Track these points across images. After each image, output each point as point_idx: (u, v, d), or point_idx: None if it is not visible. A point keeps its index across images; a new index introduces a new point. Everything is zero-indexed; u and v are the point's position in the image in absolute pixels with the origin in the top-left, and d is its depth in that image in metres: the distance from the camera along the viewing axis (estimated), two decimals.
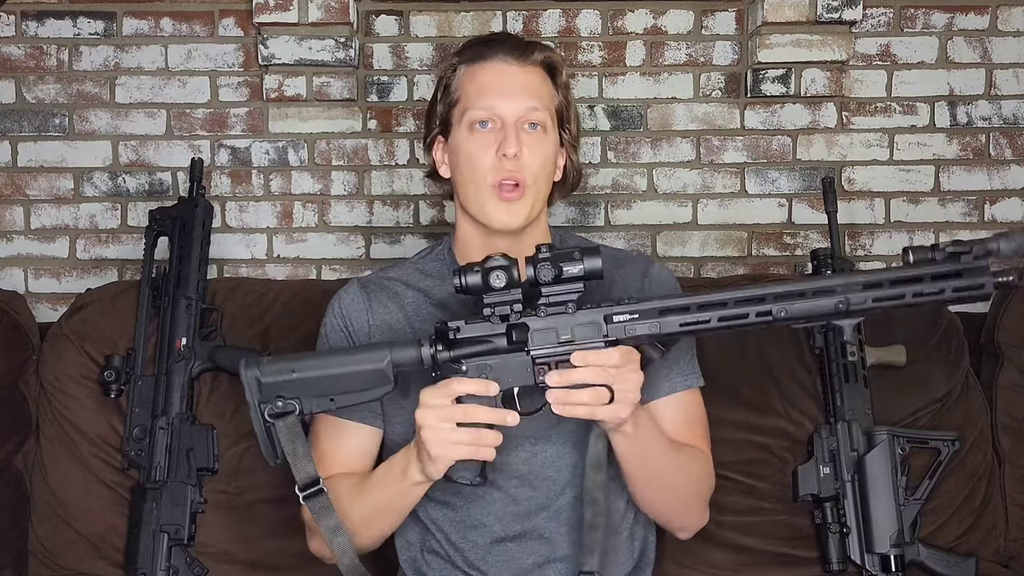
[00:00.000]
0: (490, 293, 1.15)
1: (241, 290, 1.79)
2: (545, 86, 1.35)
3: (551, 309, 1.15)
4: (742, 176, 2.16)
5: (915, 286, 1.10)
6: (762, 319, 1.12)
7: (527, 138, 1.30)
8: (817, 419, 1.69)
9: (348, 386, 1.17)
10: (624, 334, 1.14)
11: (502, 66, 1.33)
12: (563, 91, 1.37)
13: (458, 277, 1.15)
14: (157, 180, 2.13)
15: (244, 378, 1.16)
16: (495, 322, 1.15)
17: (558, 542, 1.32)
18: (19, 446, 1.68)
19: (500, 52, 1.33)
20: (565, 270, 1.13)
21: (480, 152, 1.31)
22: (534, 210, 1.33)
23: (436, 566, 1.35)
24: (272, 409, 1.15)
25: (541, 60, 1.35)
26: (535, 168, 1.31)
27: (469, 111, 1.32)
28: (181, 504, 1.59)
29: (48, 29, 2.11)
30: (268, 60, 2.06)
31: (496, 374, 1.15)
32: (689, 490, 1.33)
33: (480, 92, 1.32)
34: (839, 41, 2.08)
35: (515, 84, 1.32)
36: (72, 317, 1.73)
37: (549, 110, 1.34)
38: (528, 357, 1.15)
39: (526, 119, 1.31)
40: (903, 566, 1.59)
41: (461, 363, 1.15)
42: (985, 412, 1.75)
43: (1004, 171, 2.16)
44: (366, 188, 2.15)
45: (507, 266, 1.14)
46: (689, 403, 1.37)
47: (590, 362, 1.12)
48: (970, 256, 1.09)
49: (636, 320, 1.14)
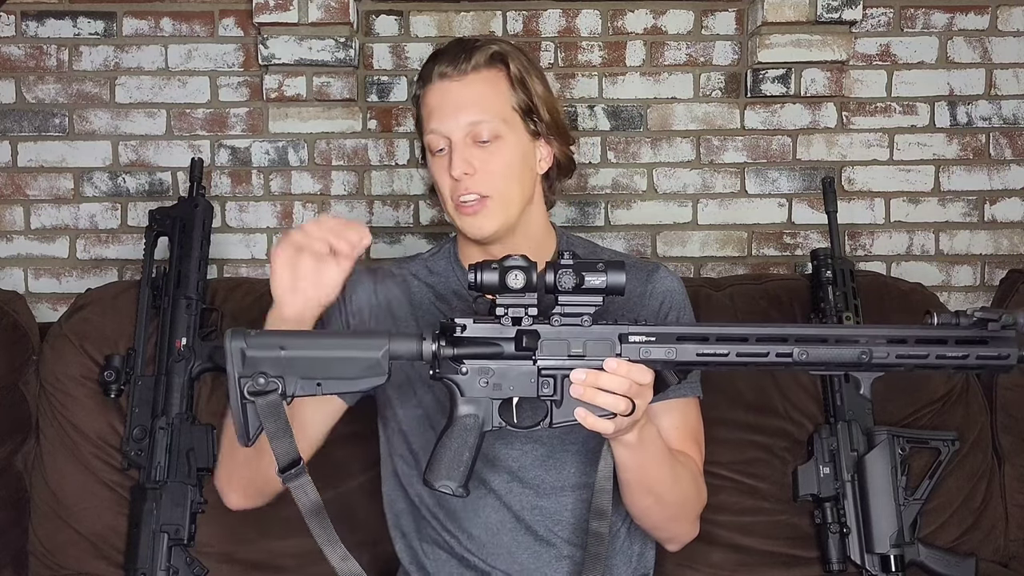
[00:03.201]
0: (505, 294, 1.09)
1: (241, 290, 1.79)
2: (492, 91, 1.31)
3: (565, 320, 1.10)
4: (742, 176, 2.16)
5: (939, 348, 1.08)
6: (781, 360, 1.08)
7: (478, 153, 1.29)
8: (817, 419, 1.69)
9: (338, 371, 1.09)
10: (638, 356, 1.09)
11: (442, 85, 1.31)
12: (520, 84, 1.32)
13: (474, 273, 1.09)
14: (157, 180, 2.13)
15: (227, 348, 1.08)
16: (506, 324, 1.10)
17: (554, 540, 1.32)
18: (19, 446, 1.68)
19: (440, 68, 1.31)
20: (587, 281, 1.07)
21: (440, 176, 1.32)
22: (508, 215, 1.31)
23: (434, 556, 1.36)
24: (253, 386, 1.06)
25: (484, 62, 1.31)
26: (493, 178, 1.29)
27: (426, 137, 1.34)
28: (181, 504, 1.58)
29: (48, 29, 2.11)
30: (268, 60, 2.06)
31: (497, 379, 1.11)
32: (681, 503, 1.32)
33: (428, 117, 1.33)
34: (839, 41, 2.08)
35: (455, 102, 1.30)
36: (72, 317, 1.73)
37: (501, 115, 1.30)
38: (534, 367, 1.11)
39: (472, 134, 1.29)
40: (903, 566, 1.59)
41: (462, 363, 1.11)
42: (985, 412, 1.75)
43: (1004, 171, 2.17)
44: (366, 188, 2.15)
45: (526, 268, 1.08)
46: (687, 412, 1.36)
47: (623, 373, 1.07)
48: (997, 325, 1.06)
49: (652, 343, 1.09)
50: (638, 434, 1.16)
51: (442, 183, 1.32)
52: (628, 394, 1.08)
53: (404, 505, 1.39)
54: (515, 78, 1.32)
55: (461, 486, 1.12)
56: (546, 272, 1.08)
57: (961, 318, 1.08)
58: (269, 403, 1.07)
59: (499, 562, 1.32)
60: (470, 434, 1.12)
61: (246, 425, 1.08)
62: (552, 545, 1.33)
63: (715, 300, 1.75)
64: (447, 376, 1.12)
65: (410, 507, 1.38)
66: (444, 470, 1.12)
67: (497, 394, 1.12)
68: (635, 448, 1.18)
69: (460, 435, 1.12)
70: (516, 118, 1.32)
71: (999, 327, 1.07)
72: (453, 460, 1.12)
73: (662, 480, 1.26)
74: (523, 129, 1.33)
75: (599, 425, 1.09)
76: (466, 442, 1.12)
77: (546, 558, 1.33)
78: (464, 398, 1.12)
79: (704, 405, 1.40)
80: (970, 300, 2.15)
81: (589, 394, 1.08)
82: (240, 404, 1.08)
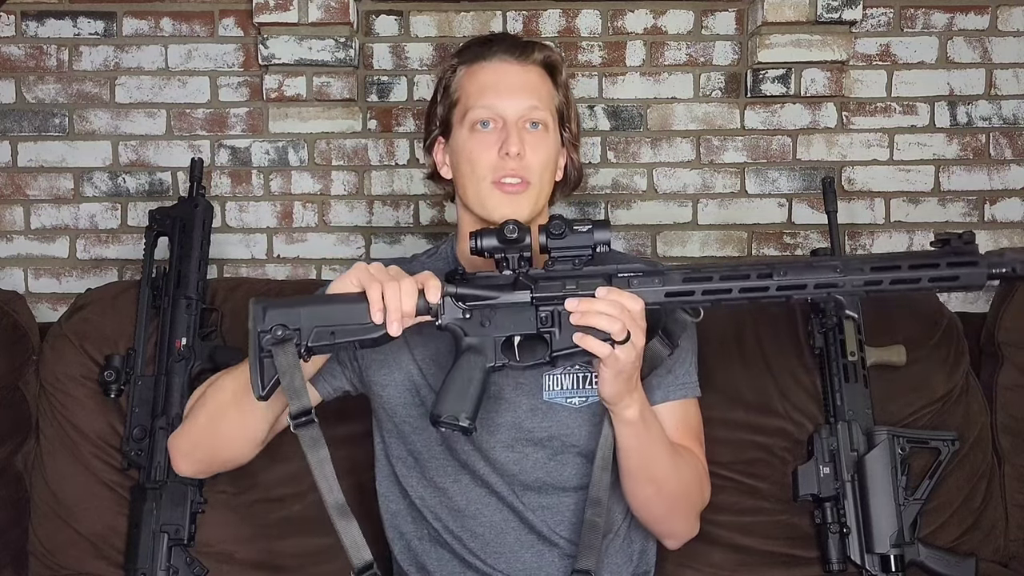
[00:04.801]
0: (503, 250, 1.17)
1: (241, 290, 1.79)
2: (545, 85, 1.35)
3: (558, 265, 1.18)
4: (742, 176, 2.16)
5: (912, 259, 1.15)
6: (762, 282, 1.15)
7: (529, 137, 1.31)
8: (817, 419, 1.69)
9: (350, 319, 1.14)
10: (627, 287, 1.16)
11: (502, 65, 1.33)
12: (563, 91, 1.37)
13: (474, 240, 1.17)
14: (157, 180, 2.13)
15: (252, 309, 1.15)
16: (505, 271, 1.18)
17: (557, 540, 1.33)
18: (19, 446, 1.68)
19: (500, 51, 1.33)
20: (575, 228, 1.16)
21: (481, 151, 1.31)
22: (536, 206, 1.33)
23: (435, 555, 1.36)
24: (272, 338, 1.13)
25: (541, 59, 1.35)
26: (538, 167, 1.31)
27: (470, 111, 1.32)
28: (181, 504, 1.59)
29: (48, 29, 2.12)
30: (268, 60, 2.06)
31: (499, 320, 1.17)
32: (682, 495, 1.32)
33: (481, 92, 1.32)
34: (839, 41, 2.08)
35: (516, 83, 1.32)
36: (72, 317, 1.73)
37: (550, 109, 1.34)
38: (532, 305, 1.17)
39: (528, 118, 1.31)
40: (903, 566, 1.59)
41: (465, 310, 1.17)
42: (985, 412, 1.75)
43: (1004, 171, 2.17)
44: (366, 188, 2.15)
45: (521, 224, 1.17)
46: (687, 412, 1.37)
47: (614, 298, 1.13)
48: (960, 241, 1.15)
49: (639, 277, 1.16)
50: (639, 410, 1.19)
51: (481, 158, 1.31)
52: (621, 317, 1.12)
53: (402, 506, 1.38)
54: (561, 84, 1.37)
55: (468, 418, 1.15)
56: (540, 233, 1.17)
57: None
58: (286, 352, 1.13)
59: (501, 562, 1.32)
60: (475, 369, 1.17)
61: (262, 379, 1.14)
62: (555, 545, 1.33)
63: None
64: (451, 323, 1.17)
65: (410, 508, 1.38)
66: (451, 402, 1.16)
67: (499, 332, 1.18)
68: (637, 426, 1.20)
69: (465, 370, 1.17)
70: (556, 119, 1.36)
71: (961, 243, 1.15)
72: (460, 392, 1.16)
73: (663, 468, 1.26)
74: (558, 132, 1.37)
75: (597, 346, 1.12)
76: (472, 377, 1.16)
77: (549, 557, 1.33)
78: (467, 338, 1.17)
79: (704, 405, 1.40)
80: (970, 300, 2.15)
81: (585, 317, 1.12)
82: (258, 359, 1.14)
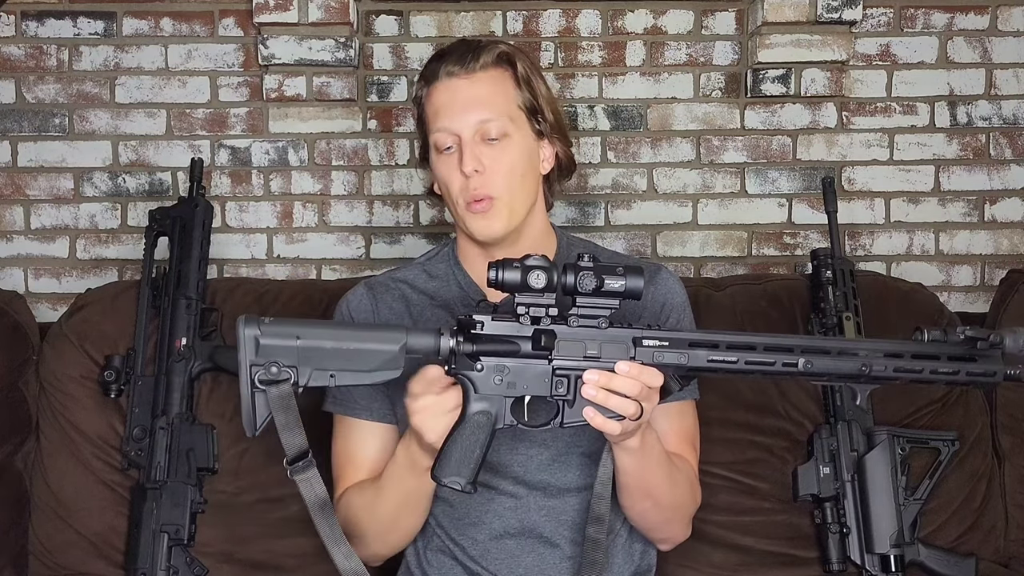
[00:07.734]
0: (525, 293, 1.10)
1: (241, 290, 1.79)
2: (500, 88, 1.32)
3: (582, 321, 1.11)
4: (742, 176, 2.16)
5: (932, 363, 1.14)
6: (787, 369, 1.12)
7: (487, 151, 1.30)
8: (817, 419, 1.69)
9: (353, 363, 1.08)
10: (651, 359, 1.11)
11: (451, 82, 1.31)
12: (527, 84, 1.34)
13: (495, 271, 1.09)
14: (157, 180, 2.13)
15: (240, 335, 1.06)
16: (524, 323, 1.11)
17: (559, 541, 1.32)
18: (19, 446, 1.68)
19: (448, 66, 1.32)
20: (607, 283, 1.09)
21: (449, 175, 1.32)
22: (514, 216, 1.32)
23: (437, 563, 1.35)
24: (265, 374, 1.06)
25: (491, 61, 1.32)
26: (502, 177, 1.30)
27: (432, 136, 1.33)
28: (181, 504, 1.58)
29: (48, 29, 2.11)
30: (268, 60, 2.06)
31: (512, 378, 1.12)
32: (678, 506, 1.34)
33: (436, 115, 1.32)
34: (839, 41, 2.08)
35: (464, 99, 1.30)
36: (72, 317, 1.73)
37: (508, 114, 1.31)
38: (549, 366, 1.12)
39: (482, 133, 1.30)
40: (903, 566, 1.59)
41: (478, 360, 1.12)
42: (985, 412, 1.75)
43: (1004, 171, 2.17)
44: (366, 188, 2.15)
45: (547, 268, 1.09)
46: (684, 415, 1.38)
47: (634, 376, 1.09)
48: (986, 344, 1.14)
49: (665, 348, 1.11)
50: (640, 439, 1.17)
51: (451, 181, 1.32)
52: (638, 397, 1.09)
53: None
54: (521, 78, 1.34)
55: (469, 483, 1.12)
56: (567, 273, 1.09)
57: (950, 335, 1.15)
58: (280, 394, 1.06)
59: (502, 568, 1.32)
60: (482, 431, 1.12)
61: (254, 415, 1.07)
62: (557, 546, 1.33)
63: (715, 300, 1.75)
64: (462, 372, 1.12)
65: None
66: (454, 466, 1.12)
67: (511, 392, 1.13)
68: (637, 453, 1.19)
69: (472, 432, 1.12)
70: (522, 117, 1.33)
71: (987, 346, 1.14)
72: (463, 456, 1.12)
73: (660, 484, 1.27)
74: (528, 128, 1.34)
75: (607, 426, 1.10)
76: (477, 439, 1.12)
77: (551, 560, 1.32)
78: (477, 395, 1.12)
79: (704, 405, 1.40)
80: (970, 300, 2.15)
81: (601, 396, 1.09)
82: (250, 393, 1.07)
